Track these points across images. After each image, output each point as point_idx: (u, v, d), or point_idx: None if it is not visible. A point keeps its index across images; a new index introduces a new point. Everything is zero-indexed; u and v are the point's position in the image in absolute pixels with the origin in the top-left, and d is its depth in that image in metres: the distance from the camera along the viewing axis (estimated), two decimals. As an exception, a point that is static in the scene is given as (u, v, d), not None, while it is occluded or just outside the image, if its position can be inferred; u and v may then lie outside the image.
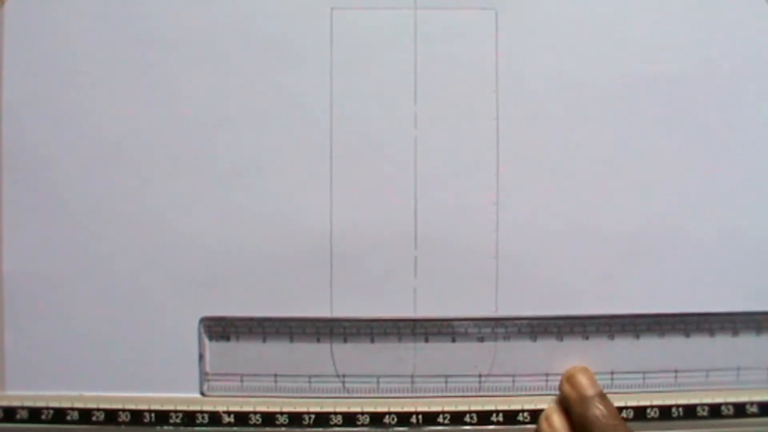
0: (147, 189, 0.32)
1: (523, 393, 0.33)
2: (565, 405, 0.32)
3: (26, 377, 0.33)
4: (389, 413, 0.33)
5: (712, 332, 0.33)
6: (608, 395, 0.31)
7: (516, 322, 0.33)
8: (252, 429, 0.32)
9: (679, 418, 0.33)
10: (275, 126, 0.32)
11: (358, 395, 0.33)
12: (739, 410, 0.33)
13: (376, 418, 0.32)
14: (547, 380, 0.33)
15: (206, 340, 0.33)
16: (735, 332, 0.33)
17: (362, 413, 0.32)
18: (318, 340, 0.33)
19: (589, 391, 0.32)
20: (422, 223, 0.33)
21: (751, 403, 0.33)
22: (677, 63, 0.33)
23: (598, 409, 0.31)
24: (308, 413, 0.32)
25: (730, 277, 0.33)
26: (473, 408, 0.33)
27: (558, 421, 0.32)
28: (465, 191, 0.33)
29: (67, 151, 0.32)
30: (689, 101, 0.33)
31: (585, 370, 0.32)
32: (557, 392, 0.33)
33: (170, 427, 0.32)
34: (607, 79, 0.33)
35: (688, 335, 0.33)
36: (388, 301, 0.33)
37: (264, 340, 0.33)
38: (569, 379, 0.32)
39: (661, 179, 0.33)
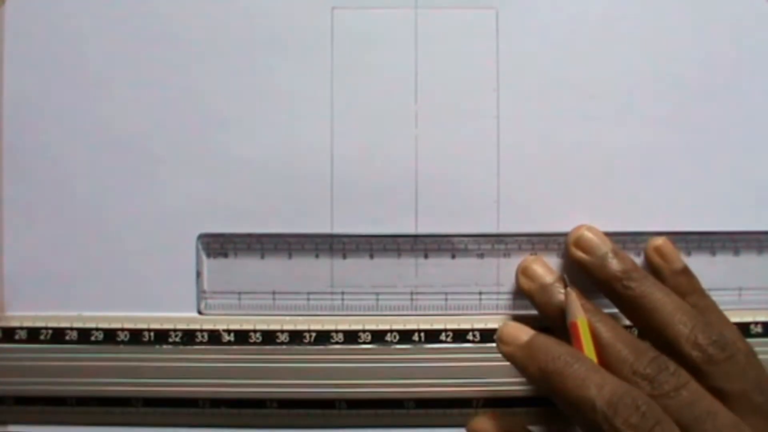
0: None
1: (524, 310, 0.32)
2: (528, 298, 0.32)
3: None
4: (390, 331, 0.32)
5: (713, 251, 0.33)
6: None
7: (516, 238, 0.33)
8: (252, 347, 0.32)
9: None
10: (276, 125, 0.32)
11: (357, 312, 0.33)
12: (743, 330, 0.32)
13: (378, 337, 0.32)
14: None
15: (204, 257, 0.33)
16: (736, 251, 0.33)
17: (363, 331, 0.32)
18: (317, 257, 0.33)
19: (548, 279, 0.31)
20: (423, 224, 0.33)
21: (755, 323, 0.33)
22: (677, 62, 0.33)
23: (561, 294, 0.30)
24: (309, 331, 0.32)
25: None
26: (476, 326, 0.32)
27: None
28: (465, 190, 0.33)
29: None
30: (689, 100, 0.33)
31: (537, 260, 0.32)
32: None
33: (170, 346, 0.32)
34: (607, 78, 0.33)
35: (689, 254, 0.33)
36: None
37: (262, 257, 0.33)
38: (524, 271, 0.32)
39: (660, 178, 0.33)
